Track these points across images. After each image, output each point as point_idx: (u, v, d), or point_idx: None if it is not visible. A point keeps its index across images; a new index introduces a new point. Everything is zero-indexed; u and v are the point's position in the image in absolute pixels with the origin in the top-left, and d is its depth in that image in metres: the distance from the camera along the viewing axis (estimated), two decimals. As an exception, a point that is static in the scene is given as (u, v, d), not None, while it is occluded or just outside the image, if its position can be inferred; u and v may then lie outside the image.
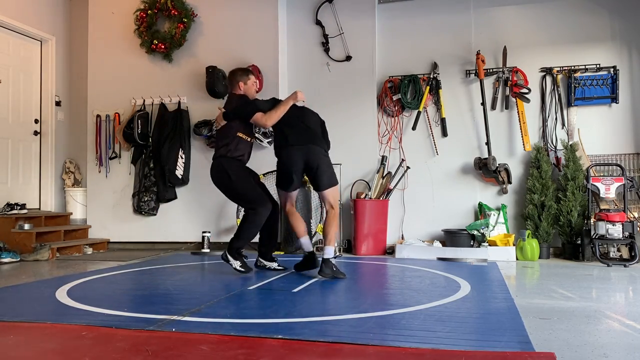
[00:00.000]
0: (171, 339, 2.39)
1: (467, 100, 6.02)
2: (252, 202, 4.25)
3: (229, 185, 4.30)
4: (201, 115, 6.24)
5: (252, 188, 4.30)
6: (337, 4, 6.31)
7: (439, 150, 6.04)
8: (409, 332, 2.51)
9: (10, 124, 6.28)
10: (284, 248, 5.84)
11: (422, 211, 6.04)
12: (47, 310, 3.06)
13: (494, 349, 2.21)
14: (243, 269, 4.24)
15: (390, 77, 6.21)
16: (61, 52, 6.87)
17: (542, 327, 2.61)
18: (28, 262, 5.26)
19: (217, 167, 4.32)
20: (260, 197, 4.27)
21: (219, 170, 4.30)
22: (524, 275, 4.52)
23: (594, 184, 5.26)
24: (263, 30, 6.24)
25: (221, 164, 4.28)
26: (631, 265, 4.86)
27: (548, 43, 5.85)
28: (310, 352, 2.22)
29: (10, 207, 5.80)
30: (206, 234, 5.96)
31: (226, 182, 4.29)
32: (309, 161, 4.11)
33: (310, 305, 3.17)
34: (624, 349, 2.29)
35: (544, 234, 5.43)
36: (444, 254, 5.37)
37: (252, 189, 4.29)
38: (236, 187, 4.30)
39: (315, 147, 4.15)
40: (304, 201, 5.94)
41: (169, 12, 6.32)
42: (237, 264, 4.23)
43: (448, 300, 3.23)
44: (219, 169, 4.29)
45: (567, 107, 5.76)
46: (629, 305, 3.31)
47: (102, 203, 6.60)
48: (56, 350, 2.29)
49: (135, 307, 3.08)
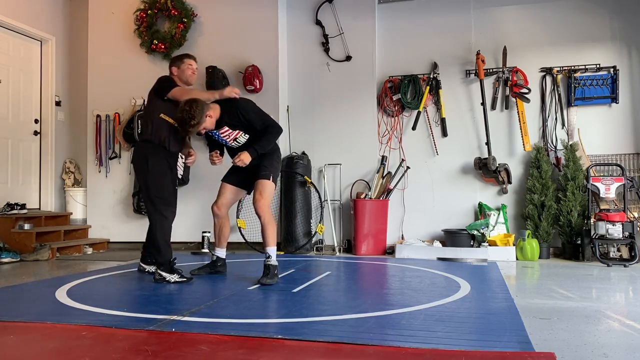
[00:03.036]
0: (171, 339, 2.39)
1: (467, 100, 6.02)
2: (164, 204, 3.94)
3: (145, 176, 3.94)
4: (201, 115, 6.23)
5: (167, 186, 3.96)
6: (337, 4, 6.31)
7: (439, 150, 6.04)
8: (409, 332, 2.50)
9: (10, 124, 6.28)
10: (284, 248, 5.84)
11: (422, 211, 6.04)
12: (47, 310, 3.06)
13: (494, 349, 2.21)
14: (184, 279, 3.92)
15: (390, 77, 6.21)
16: (61, 52, 6.87)
17: (542, 327, 2.61)
18: (28, 262, 5.26)
19: (138, 150, 4.04)
20: (173, 201, 4.01)
21: (139, 155, 4.00)
22: (524, 275, 4.52)
23: (594, 184, 5.26)
24: (263, 30, 6.24)
25: (143, 148, 3.97)
26: (631, 265, 4.86)
27: (548, 43, 5.85)
28: (310, 352, 2.22)
29: (10, 207, 5.79)
30: (206, 234, 5.96)
31: (144, 170, 3.94)
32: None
33: (310, 305, 3.17)
34: (624, 349, 2.29)
35: (544, 234, 5.43)
36: (444, 254, 5.37)
37: (167, 188, 3.96)
38: (152, 180, 3.92)
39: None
40: (303, 201, 5.95)
41: (169, 12, 6.32)
42: (174, 277, 3.90)
43: (448, 300, 3.23)
44: (140, 154, 3.99)
45: (567, 107, 5.76)
46: (629, 305, 3.31)
47: (102, 203, 6.60)
48: (56, 350, 2.29)
49: (135, 307, 3.08)
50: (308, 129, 6.28)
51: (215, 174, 6.23)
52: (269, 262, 3.84)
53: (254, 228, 6.04)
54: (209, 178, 6.25)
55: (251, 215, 6.06)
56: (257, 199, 3.88)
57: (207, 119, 3.77)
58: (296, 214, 5.86)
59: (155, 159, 3.92)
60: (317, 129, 6.23)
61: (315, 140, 6.26)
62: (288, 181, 5.97)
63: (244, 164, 3.86)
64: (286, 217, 5.90)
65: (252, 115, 3.93)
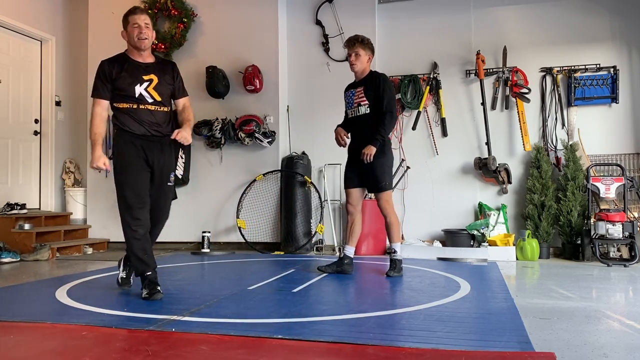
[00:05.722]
0: (171, 339, 2.39)
1: (467, 100, 6.02)
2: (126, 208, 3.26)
3: (114, 170, 3.29)
4: (201, 115, 6.23)
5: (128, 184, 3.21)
6: (337, 4, 6.31)
7: (439, 150, 6.04)
8: (409, 332, 2.50)
9: (10, 124, 6.28)
10: (284, 248, 5.84)
11: (422, 211, 6.04)
12: (47, 310, 3.06)
13: (494, 349, 2.21)
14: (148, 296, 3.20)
15: (390, 77, 6.19)
16: (61, 52, 6.87)
17: (542, 327, 2.61)
18: (28, 262, 5.26)
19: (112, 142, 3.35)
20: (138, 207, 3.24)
21: (112, 147, 3.37)
22: (524, 275, 4.51)
23: (594, 184, 5.26)
24: (263, 30, 6.24)
25: (113, 138, 3.33)
26: (631, 265, 4.86)
27: (548, 43, 5.85)
28: (310, 352, 2.22)
29: (10, 207, 5.80)
30: (206, 234, 5.96)
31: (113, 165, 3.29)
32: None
33: (310, 305, 3.17)
34: (624, 349, 2.29)
35: (544, 234, 5.43)
36: (444, 254, 5.37)
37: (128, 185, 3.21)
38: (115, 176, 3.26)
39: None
40: (304, 201, 5.95)
41: (169, 12, 6.32)
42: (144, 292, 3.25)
43: (448, 300, 3.23)
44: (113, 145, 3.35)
45: (567, 107, 5.76)
46: (629, 305, 3.31)
47: (102, 203, 6.59)
48: (56, 350, 2.29)
49: (135, 307, 3.08)
50: (308, 129, 6.28)
51: (215, 174, 6.27)
52: (395, 257, 4.15)
53: (254, 228, 6.06)
54: (209, 178, 6.27)
55: (251, 215, 6.08)
56: (383, 205, 4.15)
57: (367, 56, 4.16)
58: (296, 214, 5.86)
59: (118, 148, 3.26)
60: (317, 129, 6.23)
61: (315, 140, 6.26)
62: (288, 181, 5.97)
63: (370, 158, 3.98)
64: (286, 217, 5.90)
65: (387, 92, 4.08)
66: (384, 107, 4.04)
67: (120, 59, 3.38)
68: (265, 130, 6.03)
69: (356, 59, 4.14)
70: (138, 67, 3.36)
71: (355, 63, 4.14)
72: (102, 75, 3.28)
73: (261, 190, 6.11)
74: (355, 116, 4.17)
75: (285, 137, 6.29)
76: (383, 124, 4.01)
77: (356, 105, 4.16)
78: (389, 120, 4.04)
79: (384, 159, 4.12)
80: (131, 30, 3.32)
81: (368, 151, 3.98)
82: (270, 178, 6.11)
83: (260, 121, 6.06)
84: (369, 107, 4.10)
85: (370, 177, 4.12)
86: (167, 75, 3.46)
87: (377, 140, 4.00)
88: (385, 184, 4.11)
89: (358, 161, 4.11)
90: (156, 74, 3.38)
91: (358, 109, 4.15)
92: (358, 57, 4.13)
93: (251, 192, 6.12)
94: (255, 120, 6.02)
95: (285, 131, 6.30)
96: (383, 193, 4.12)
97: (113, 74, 3.27)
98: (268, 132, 6.04)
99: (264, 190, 6.11)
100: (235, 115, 6.16)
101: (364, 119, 4.11)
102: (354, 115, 4.20)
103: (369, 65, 4.23)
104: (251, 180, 6.10)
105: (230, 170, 6.22)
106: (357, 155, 4.10)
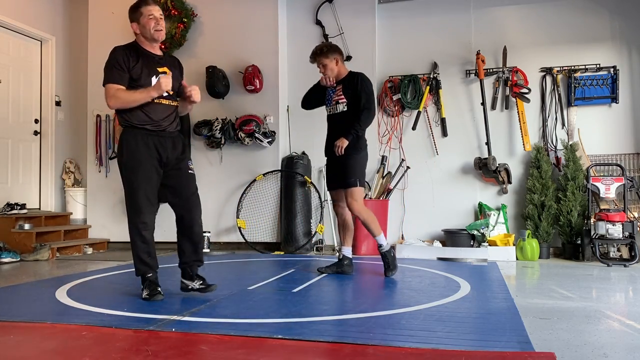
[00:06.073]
0: (171, 339, 2.39)
1: (467, 100, 6.02)
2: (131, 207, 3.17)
3: (120, 170, 3.20)
4: (201, 115, 6.23)
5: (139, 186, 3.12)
6: (337, 3, 6.31)
7: (439, 150, 6.04)
8: (409, 332, 2.50)
9: (10, 124, 6.28)
10: (284, 248, 5.84)
11: (422, 211, 6.04)
12: (47, 310, 3.06)
13: (494, 349, 2.21)
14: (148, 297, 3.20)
15: (390, 77, 6.21)
16: (61, 52, 6.87)
17: (542, 327, 2.61)
18: (28, 262, 5.26)
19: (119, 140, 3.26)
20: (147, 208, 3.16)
21: (118, 146, 3.27)
22: (524, 275, 4.52)
23: (594, 184, 5.26)
24: (263, 30, 6.24)
25: (121, 136, 3.23)
26: (631, 265, 4.86)
27: (548, 43, 5.85)
28: (310, 352, 2.22)
29: (10, 207, 5.79)
30: (206, 234, 5.94)
31: (120, 163, 3.20)
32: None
33: (310, 305, 3.17)
34: (624, 349, 2.29)
35: (544, 234, 5.43)
36: (444, 254, 5.37)
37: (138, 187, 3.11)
38: (123, 176, 3.19)
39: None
40: (303, 201, 5.95)
41: (169, 12, 6.31)
42: (144, 293, 3.24)
43: (448, 300, 3.23)
44: (119, 143, 3.25)
45: (567, 107, 5.76)
46: (629, 305, 3.31)
47: (102, 203, 6.59)
48: (56, 350, 2.29)
49: (135, 307, 3.08)
50: (308, 129, 6.26)
51: (215, 174, 6.26)
52: (383, 250, 4.15)
53: (254, 228, 6.06)
54: (208, 178, 6.26)
55: (251, 215, 6.08)
56: (351, 203, 4.07)
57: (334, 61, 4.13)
58: (296, 214, 5.86)
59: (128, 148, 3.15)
60: (317, 129, 6.17)
61: (315, 140, 6.24)
62: (288, 181, 5.97)
63: (341, 151, 3.99)
64: (286, 217, 5.90)
65: (366, 89, 4.12)
66: (361, 104, 4.07)
67: (134, 47, 3.24)
68: (265, 130, 6.03)
69: (325, 69, 4.19)
70: (152, 58, 3.26)
71: (326, 73, 4.20)
72: (118, 63, 3.11)
73: (261, 190, 6.11)
74: (333, 113, 4.23)
75: (285, 137, 6.29)
76: (359, 120, 4.04)
77: (334, 103, 4.21)
78: (366, 117, 4.07)
79: (358, 155, 4.12)
80: (147, 22, 3.16)
81: (340, 143, 4.01)
82: (270, 178, 6.11)
83: (260, 121, 6.06)
84: (346, 105, 4.14)
85: (340, 171, 4.10)
86: (177, 70, 3.43)
87: (351, 134, 4.03)
88: (354, 180, 4.05)
89: (334, 159, 4.13)
90: (168, 67, 3.33)
91: (336, 106, 4.20)
92: (326, 67, 4.18)
93: (251, 192, 6.12)
94: (255, 120, 6.02)
95: (285, 131, 6.30)
96: (351, 189, 4.04)
97: (130, 62, 3.13)
98: (268, 132, 6.04)
99: (264, 190, 6.11)
100: (235, 115, 6.16)
101: (342, 116, 4.15)
102: (332, 113, 4.25)
103: (343, 65, 4.26)
104: (251, 180, 6.10)
105: (230, 170, 6.22)
106: (333, 154, 4.11)
